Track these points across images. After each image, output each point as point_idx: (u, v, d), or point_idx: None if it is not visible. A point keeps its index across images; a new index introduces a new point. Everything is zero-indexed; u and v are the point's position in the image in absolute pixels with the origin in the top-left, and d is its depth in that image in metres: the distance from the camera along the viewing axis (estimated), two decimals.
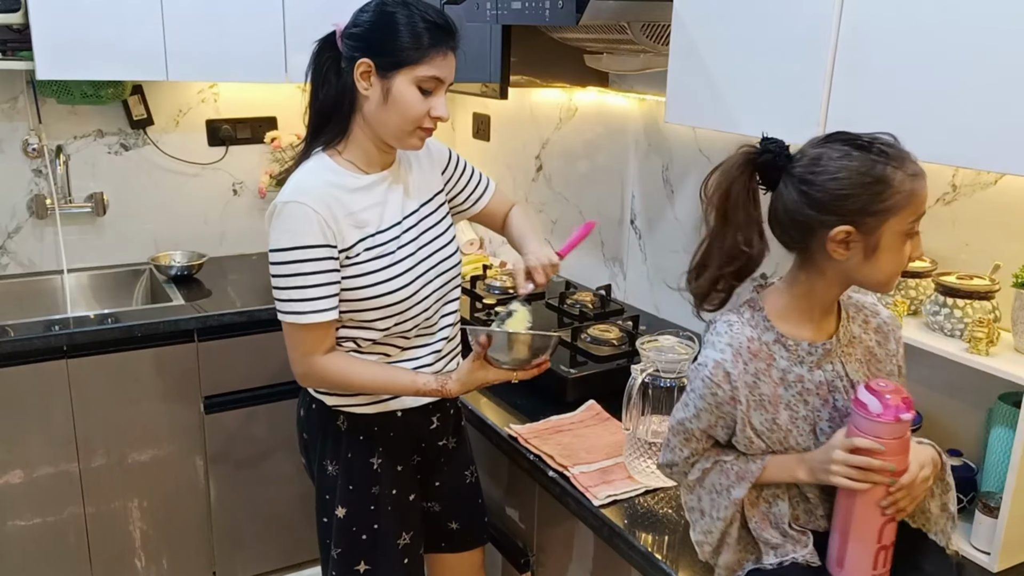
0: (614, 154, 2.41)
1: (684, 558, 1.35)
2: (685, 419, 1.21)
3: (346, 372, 1.47)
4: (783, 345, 1.18)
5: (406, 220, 1.53)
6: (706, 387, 1.17)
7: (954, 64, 1.18)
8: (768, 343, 1.18)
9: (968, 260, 1.52)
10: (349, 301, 1.47)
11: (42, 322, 2.23)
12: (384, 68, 1.41)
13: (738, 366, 1.16)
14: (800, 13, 1.39)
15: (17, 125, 2.56)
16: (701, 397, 1.18)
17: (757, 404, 1.17)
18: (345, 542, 1.58)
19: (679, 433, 1.23)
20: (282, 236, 1.42)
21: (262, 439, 2.50)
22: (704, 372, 1.17)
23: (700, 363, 1.19)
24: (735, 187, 1.13)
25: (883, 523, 1.14)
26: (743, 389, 1.16)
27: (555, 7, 1.76)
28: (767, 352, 1.18)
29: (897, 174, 1.06)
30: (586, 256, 2.58)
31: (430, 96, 1.42)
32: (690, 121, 1.69)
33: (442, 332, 1.60)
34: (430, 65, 1.40)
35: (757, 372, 1.17)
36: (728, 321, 1.20)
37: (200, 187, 2.86)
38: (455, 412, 1.71)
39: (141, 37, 2.35)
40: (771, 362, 1.18)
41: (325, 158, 1.48)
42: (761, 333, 1.18)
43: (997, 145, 1.14)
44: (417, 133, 1.45)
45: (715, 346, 1.18)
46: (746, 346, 1.17)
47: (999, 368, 1.30)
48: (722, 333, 1.19)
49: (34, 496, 2.24)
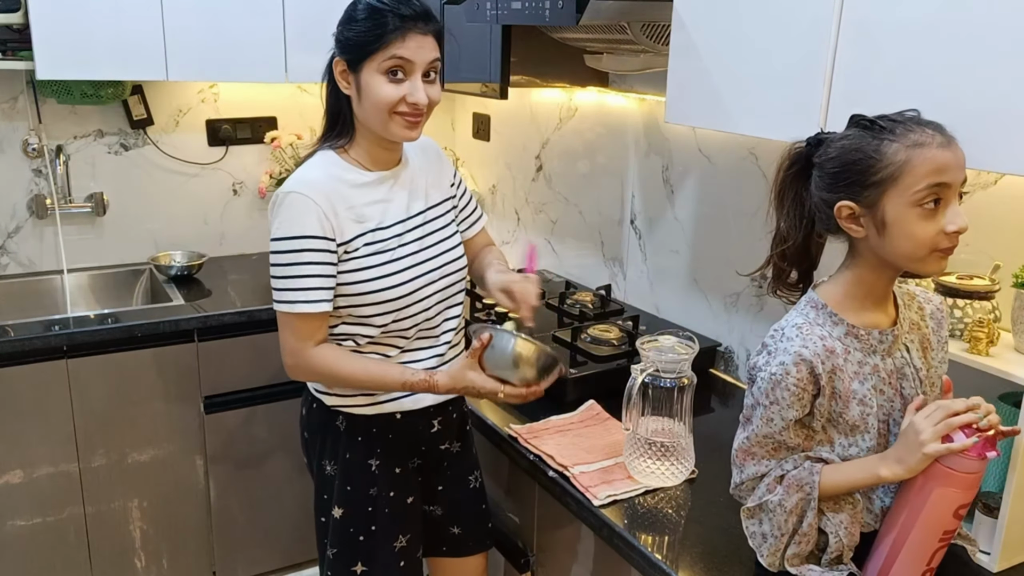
0: (614, 154, 2.41)
1: (684, 558, 1.35)
2: (770, 433, 1.20)
3: (334, 364, 1.47)
4: (855, 336, 1.17)
5: (411, 220, 1.54)
6: (788, 385, 1.15)
7: (954, 64, 1.18)
8: (840, 337, 1.17)
9: (968, 260, 1.52)
10: (347, 296, 1.47)
11: (42, 322, 2.23)
12: (353, 64, 1.43)
13: (817, 365, 1.15)
14: (800, 13, 1.39)
15: (17, 125, 2.56)
16: (783, 397, 1.16)
17: (832, 399, 1.17)
18: (341, 542, 1.58)
19: (763, 444, 1.21)
20: (281, 225, 1.44)
21: (262, 439, 2.50)
22: (783, 370, 1.15)
23: (771, 368, 1.17)
24: (780, 177, 1.22)
25: (937, 548, 1.13)
26: (824, 378, 1.15)
27: (555, 7, 1.76)
28: (842, 347, 1.17)
29: (891, 146, 1.07)
30: (586, 256, 2.58)
31: (403, 81, 1.42)
32: (690, 121, 1.69)
33: (445, 336, 1.60)
34: (388, 48, 1.39)
35: (834, 368, 1.16)
36: (796, 325, 1.18)
37: (200, 187, 2.86)
38: (458, 416, 1.70)
39: (141, 37, 2.35)
40: (847, 356, 1.17)
41: (331, 154, 1.50)
42: (831, 329, 1.17)
43: (997, 145, 1.14)
44: (396, 120, 1.44)
45: (787, 351, 1.16)
46: (820, 345, 1.16)
47: (999, 368, 1.30)
48: (792, 338, 1.17)
49: (34, 496, 2.24)
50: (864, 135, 1.11)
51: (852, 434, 1.19)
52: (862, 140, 1.10)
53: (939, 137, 1.08)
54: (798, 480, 1.18)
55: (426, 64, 1.43)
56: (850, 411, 1.17)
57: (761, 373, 1.19)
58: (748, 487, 1.25)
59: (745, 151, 1.98)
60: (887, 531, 1.18)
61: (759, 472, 1.23)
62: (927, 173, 1.06)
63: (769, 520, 1.21)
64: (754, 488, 1.24)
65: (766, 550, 1.22)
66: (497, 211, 3.00)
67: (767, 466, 1.22)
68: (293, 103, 2.94)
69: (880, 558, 1.17)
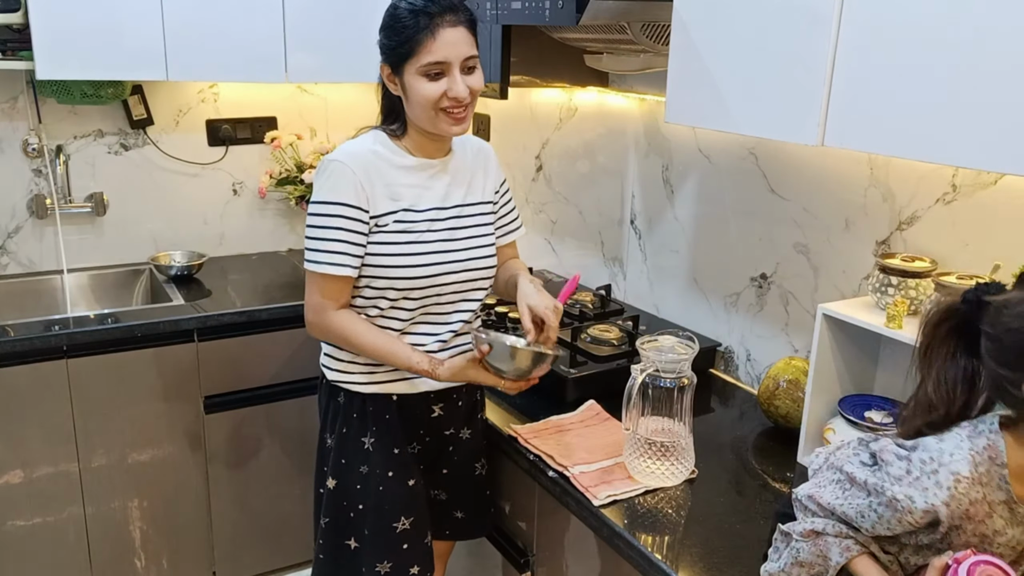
0: (614, 154, 2.41)
1: (684, 558, 1.35)
2: (849, 520, 1.07)
3: (350, 330, 1.54)
4: (1009, 507, 0.99)
5: (445, 210, 1.59)
6: (903, 520, 1.01)
7: (954, 64, 1.18)
8: (993, 503, 0.99)
9: (968, 260, 1.52)
10: (370, 267, 1.54)
11: (42, 322, 2.23)
12: (396, 68, 1.50)
13: (945, 520, 1.00)
14: (800, 13, 1.39)
15: (17, 125, 2.56)
16: (891, 520, 1.03)
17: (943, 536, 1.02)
18: (333, 513, 1.65)
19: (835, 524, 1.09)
20: (320, 190, 1.52)
21: (262, 439, 2.50)
22: (909, 506, 1.00)
23: (899, 497, 1.01)
24: (929, 333, 1.06)
25: None
26: (944, 527, 1.01)
27: (555, 7, 1.76)
28: (986, 512, 0.99)
29: None
30: (586, 256, 2.58)
31: (442, 78, 1.47)
32: (690, 121, 1.69)
33: (453, 325, 1.64)
34: (424, 52, 1.45)
35: (960, 525, 1.00)
36: (956, 474, 0.98)
37: (200, 187, 2.86)
38: (466, 404, 1.72)
39: (141, 37, 2.35)
40: (986, 521, 1.00)
41: (382, 134, 1.58)
42: (991, 492, 0.99)
43: (997, 145, 1.14)
44: (441, 116, 1.50)
45: (924, 495, 0.99)
46: (966, 507, 0.99)
47: None
48: (943, 486, 0.98)
49: (34, 496, 2.24)
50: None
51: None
52: None
53: None
54: (825, 551, 1.09)
55: (460, 61, 1.47)
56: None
57: (890, 488, 1.02)
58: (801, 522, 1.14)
59: (745, 151, 1.98)
60: None
61: (811, 529, 1.11)
62: None
63: (787, 553, 1.14)
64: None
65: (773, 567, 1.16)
66: None
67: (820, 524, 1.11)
68: (293, 103, 2.94)
69: None
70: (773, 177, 1.92)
